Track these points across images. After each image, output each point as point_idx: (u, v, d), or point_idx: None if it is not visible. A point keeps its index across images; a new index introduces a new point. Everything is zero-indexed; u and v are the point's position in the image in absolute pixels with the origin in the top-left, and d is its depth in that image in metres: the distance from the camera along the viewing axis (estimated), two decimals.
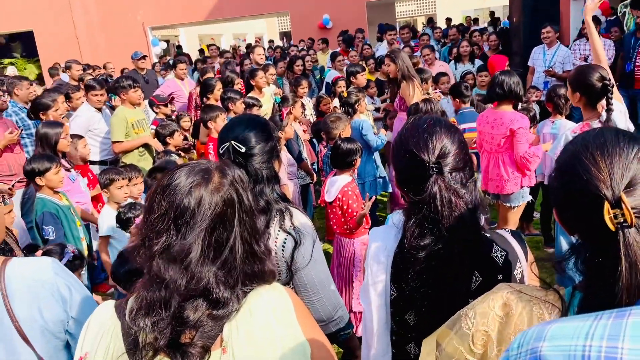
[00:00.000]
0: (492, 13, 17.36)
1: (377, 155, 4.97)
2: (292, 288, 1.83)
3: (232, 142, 1.74)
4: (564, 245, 3.49)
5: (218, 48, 11.73)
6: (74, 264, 2.85)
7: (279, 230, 1.74)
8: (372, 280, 1.50)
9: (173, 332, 1.09)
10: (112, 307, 1.22)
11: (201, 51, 14.62)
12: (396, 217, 1.52)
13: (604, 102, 3.08)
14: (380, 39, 10.62)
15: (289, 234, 1.73)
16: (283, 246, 1.74)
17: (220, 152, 1.78)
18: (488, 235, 1.41)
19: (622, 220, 0.85)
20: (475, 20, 15.20)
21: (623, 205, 0.85)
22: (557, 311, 0.99)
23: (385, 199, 5.98)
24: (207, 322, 1.11)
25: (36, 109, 5.11)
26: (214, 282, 1.12)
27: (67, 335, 1.76)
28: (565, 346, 0.59)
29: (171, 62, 8.69)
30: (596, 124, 3.09)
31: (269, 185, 1.77)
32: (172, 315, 1.09)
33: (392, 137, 4.88)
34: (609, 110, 3.02)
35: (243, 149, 1.74)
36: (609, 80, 3.02)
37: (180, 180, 1.14)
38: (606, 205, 0.86)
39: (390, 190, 5.13)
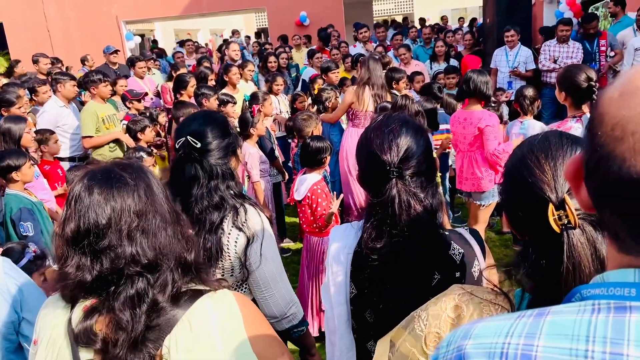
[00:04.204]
0: (460, 18, 17.68)
1: None
2: (246, 287, 1.85)
3: (188, 137, 1.74)
4: None
5: (195, 43, 11.58)
6: (36, 264, 2.77)
7: (232, 227, 1.76)
8: (332, 279, 1.50)
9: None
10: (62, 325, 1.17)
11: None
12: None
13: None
14: (356, 38, 10.61)
15: (242, 230, 1.75)
16: (236, 242, 1.76)
17: (177, 146, 1.77)
18: (446, 233, 1.42)
19: (566, 222, 0.86)
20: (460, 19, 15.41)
21: (567, 207, 0.86)
22: (505, 313, 0.99)
23: None
24: (166, 307, 1.12)
25: None
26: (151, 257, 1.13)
27: (20, 337, 1.71)
28: (486, 344, 0.61)
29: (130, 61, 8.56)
30: (573, 122, 3.12)
31: (224, 182, 1.77)
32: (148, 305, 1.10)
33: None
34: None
35: (198, 145, 1.74)
36: (595, 81, 3.04)
37: (85, 200, 1.12)
38: (550, 207, 0.88)
39: None
